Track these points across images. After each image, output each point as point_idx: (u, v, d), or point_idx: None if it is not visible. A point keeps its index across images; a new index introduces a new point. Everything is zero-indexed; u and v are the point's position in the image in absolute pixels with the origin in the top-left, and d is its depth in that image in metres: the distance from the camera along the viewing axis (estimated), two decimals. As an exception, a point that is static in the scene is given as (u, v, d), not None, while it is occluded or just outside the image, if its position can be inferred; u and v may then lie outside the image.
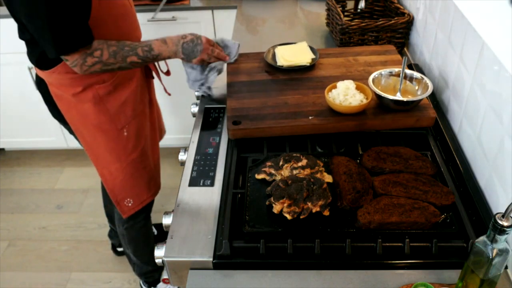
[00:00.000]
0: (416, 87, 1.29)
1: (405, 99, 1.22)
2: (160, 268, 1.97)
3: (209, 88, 1.42)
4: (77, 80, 1.36)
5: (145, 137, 1.58)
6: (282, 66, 1.46)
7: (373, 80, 1.28)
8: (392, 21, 1.62)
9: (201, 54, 1.34)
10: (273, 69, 1.47)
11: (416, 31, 1.63)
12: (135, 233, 1.79)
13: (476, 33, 1.09)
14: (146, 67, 1.55)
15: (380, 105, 1.26)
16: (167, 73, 1.60)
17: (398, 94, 1.26)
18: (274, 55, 1.52)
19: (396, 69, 1.31)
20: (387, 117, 1.23)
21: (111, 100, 1.43)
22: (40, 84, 1.44)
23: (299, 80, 1.41)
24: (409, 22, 1.64)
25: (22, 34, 1.31)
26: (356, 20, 1.65)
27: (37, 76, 1.43)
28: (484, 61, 1.06)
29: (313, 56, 1.49)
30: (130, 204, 1.65)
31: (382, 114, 1.24)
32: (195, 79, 1.42)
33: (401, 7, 1.71)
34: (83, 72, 1.27)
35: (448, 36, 1.30)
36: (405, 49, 1.74)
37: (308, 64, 1.45)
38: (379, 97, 1.24)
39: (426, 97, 1.23)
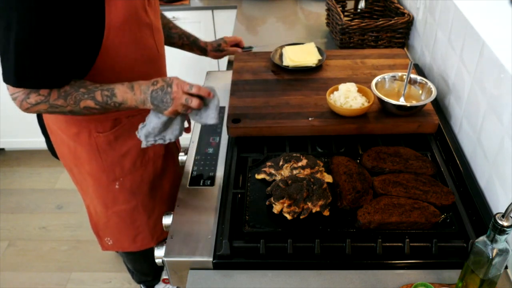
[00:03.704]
0: (420, 92, 1.27)
1: (408, 104, 1.20)
2: (159, 275, 1.97)
3: (163, 139, 1.12)
4: (73, 121, 1.21)
5: (144, 193, 1.39)
6: (288, 66, 1.45)
7: (376, 84, 1.26)
8: (392, 21, 1.62)
9: (172, 105, 1.03)
10: (279, 69, 1.46)
11: (416, 31, 1.63)
12: (134, 255, 1.76)
13: (476, 33, 1.09)
14: None
15: (383, 109, 1.25)
16: (187, 129, 1.20)
17: (402, 98, 1.24)
18: (281, 55, 1.52)
19: (399, 74, 1.29)
20: (388, 121, 1.21)
21: (108, 151, 1.26)
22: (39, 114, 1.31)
23: (304, 80, 1.40)
24: (409, 22, 1.64)
25: None
26: (356, 20, 1.65)
27: None
28: (484, 61, 1.06)
29: (320, 57, 1.48)
30: (109, 243, 1.52)
31: (384, 118, 1.22)
32: (152, 129, 1.09)
33: (401, 7, 1.71)
34: (23, 110, 1.03)
35: (448, 36, 1.30)
36: (405, 49, 1.74)
37: (314, 65, 1.45)
38: (381, 101, 1.22)
39: (429, 102, 1.21)
